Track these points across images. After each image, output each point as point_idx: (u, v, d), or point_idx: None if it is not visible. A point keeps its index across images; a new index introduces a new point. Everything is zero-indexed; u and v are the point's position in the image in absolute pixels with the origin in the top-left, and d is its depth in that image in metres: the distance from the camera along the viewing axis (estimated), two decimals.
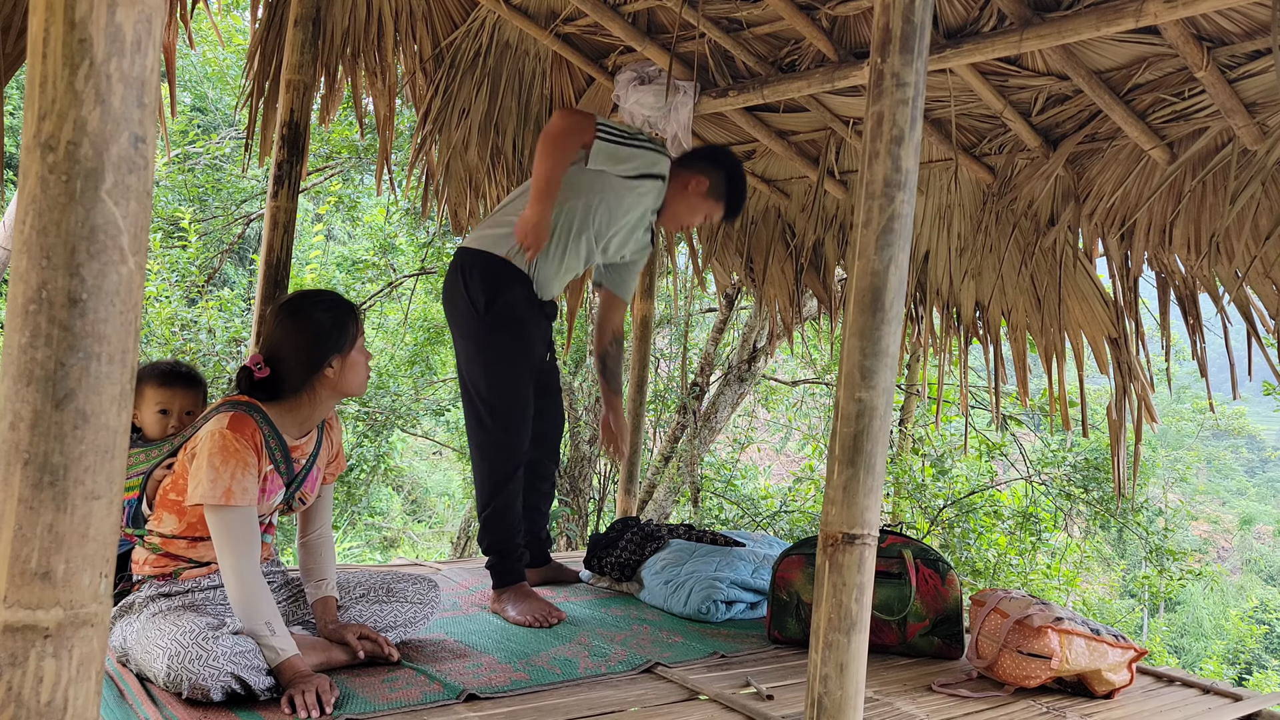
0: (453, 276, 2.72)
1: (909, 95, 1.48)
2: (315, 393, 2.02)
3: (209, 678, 1.71)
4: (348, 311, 2.06)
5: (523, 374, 2.69)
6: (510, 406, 2.67)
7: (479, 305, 2.63)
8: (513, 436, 2.68)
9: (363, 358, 2.07)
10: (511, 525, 2.69)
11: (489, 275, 2.64)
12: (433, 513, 14.10)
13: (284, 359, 1.99)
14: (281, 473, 2.01)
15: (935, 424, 6.68)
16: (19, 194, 0.82)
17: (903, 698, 2.13)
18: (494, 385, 2.66)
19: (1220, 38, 2.69)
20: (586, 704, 1.91)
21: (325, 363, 1.99)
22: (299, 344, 1.99)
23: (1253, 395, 7.91)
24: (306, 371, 1.99)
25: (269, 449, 1.97)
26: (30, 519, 0.80)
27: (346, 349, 2.02)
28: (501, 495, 2.67)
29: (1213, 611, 19.07)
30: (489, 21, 3.62)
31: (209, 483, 1.84)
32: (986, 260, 3.78)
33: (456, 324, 2.74)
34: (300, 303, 2.05)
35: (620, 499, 3.94)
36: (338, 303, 2.06)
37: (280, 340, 2.01)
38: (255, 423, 1.94)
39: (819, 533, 1.50)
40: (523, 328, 2.69)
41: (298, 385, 2.00)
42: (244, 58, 5.57)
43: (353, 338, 2.03)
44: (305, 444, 2.08)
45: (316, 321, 2.00)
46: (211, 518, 1.86)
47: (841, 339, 1.58)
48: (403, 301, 8.56)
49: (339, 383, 2.03)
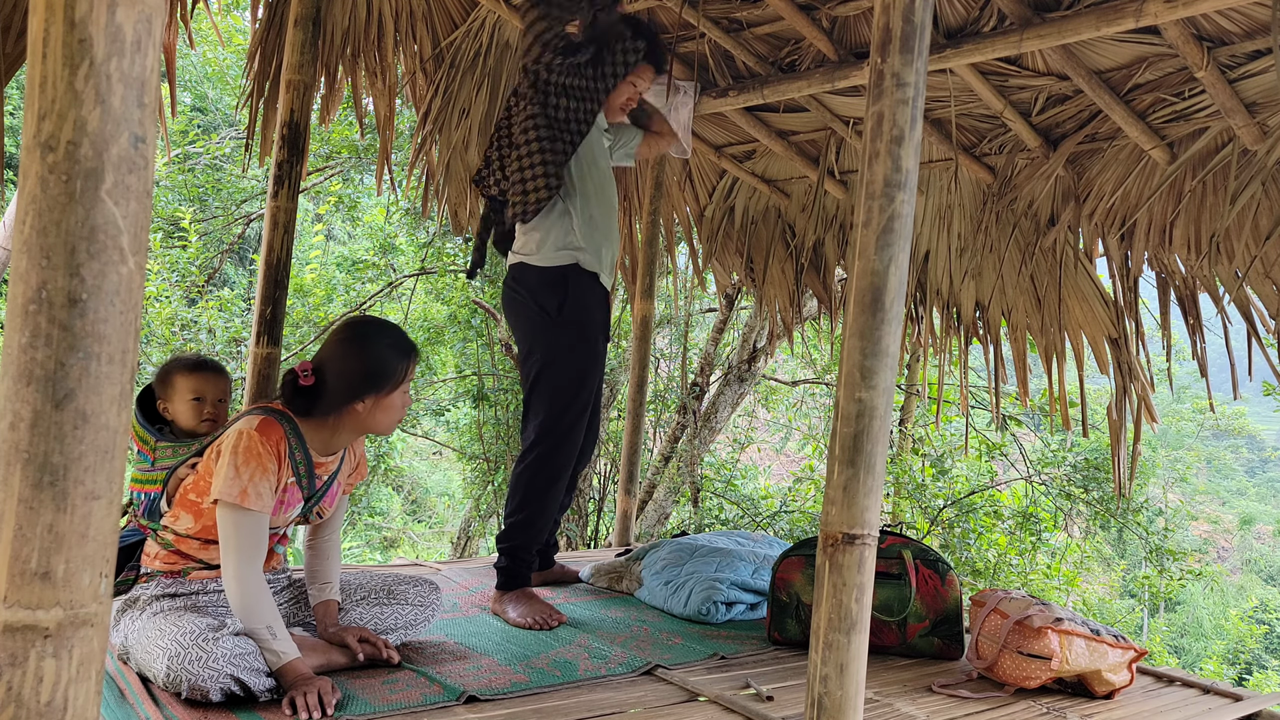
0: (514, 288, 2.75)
1: (909, 95, 1.48)
2: (341, 421, 2.00)
3: (208, 679, 1.71)
4: (403, 352, 2.00)
5: (592, 379, 2.71)
6: (575, 420, 2.68)
7: (550, 309, 2.64)
8: (567, 446, 2.68)
9: (401, 402, 2.02)
10: (538, 535, 2.69)
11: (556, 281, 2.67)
12: (433, 513, 14.10)
13: (328, 377, 1.97)
14: (302, 487, 2.01)
15: (935, 424, 6.68)
16: (19, 194, 0.81)
17: (903, 698, 2.13)
18: (564, 394, 2.66)
19: (1220, 38, 2.69)
20: (587, 706, 1.91)
21: (360, 398, 1.96)
22: (345, 370, 1.96)
23: (1253, 395, 7.91)
24: (342, 398, 1.96)
25: (293, 460, 1.96)
26: (30, 519, 0.80)
27: (387, 391, 1.98)
28: (539, 503, 2.66)
29: (1213, 611, 19.07)
30: (489, 21, 3.62)
31: (227, 479, 1.84)
32: (986, 260, 3.78)
33: (523, 329, 2.74)
34: (364, 329, 2.03)
35: (620, 499, 3.94)
36: (398, 340, 2.01)
37: (331, 357, 1.99)
38: (284, 431, 1.93)
39: (819, 533, 1.50)
40: (594, 329, 2.73)
41: (329, 408, 1.97)
42: (244, 58, 5.57)
43: (397, 382, 1.99)
44: (330, 463, 2.08)
45: (370, 355, 1.97)
46: (222, 515, 1.86)
47: (841, 339, 1.58)
48: (403, 301, 8.56)
49: (366, 420, 1.99)
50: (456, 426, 9.21)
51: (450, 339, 7.97)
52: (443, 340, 8.13)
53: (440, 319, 8.13)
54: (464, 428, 8.61)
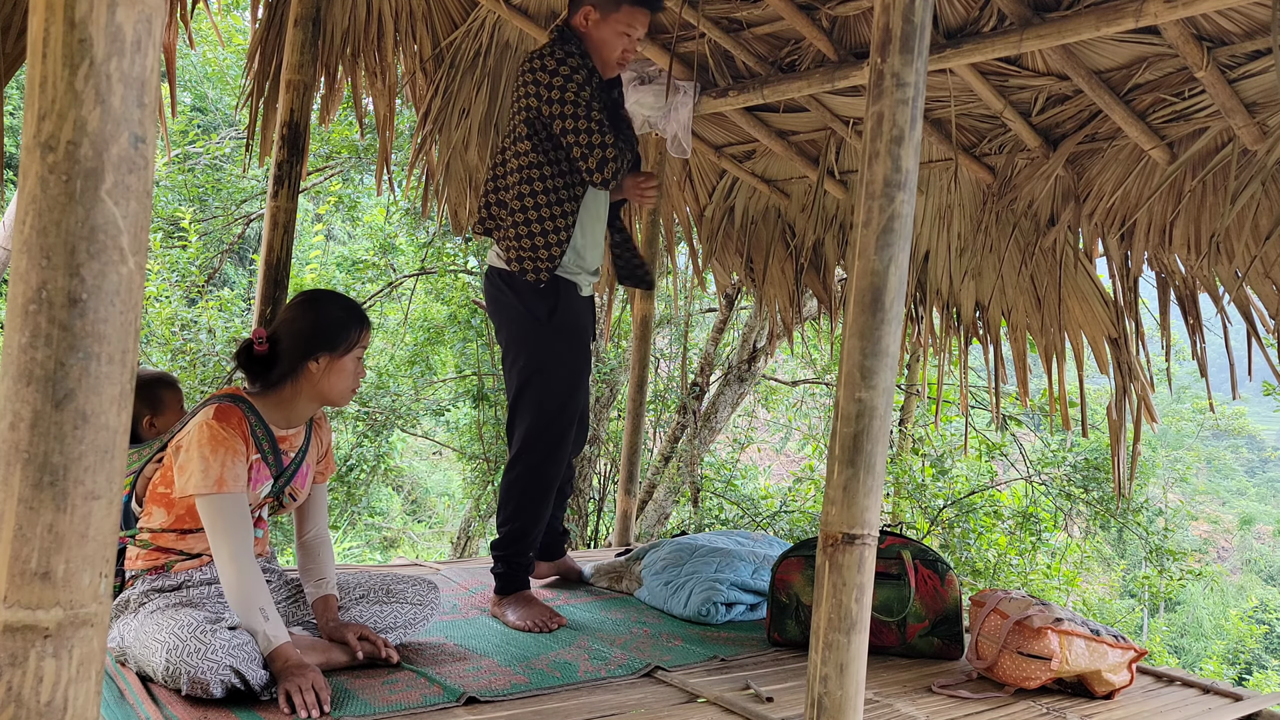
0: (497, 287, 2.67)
1: (909, 95, 1.48)
2: (298, 385, 2.03)
3: (208, 671, 1.72)
4: (357, 318, 2.07)
5: (582, 387, 2.67)
6: (565, 427, 2.63)
7: (540, 314, 2.57)
8: (558, 454, 2.64)
9: (353, 368, 2.06)
10: (534, 541, 2.66)
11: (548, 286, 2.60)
12: (432, 513, 14.10)
13: (281, 340, 2.02)
14: (270, 464, 2.03)
15: (935, 424, 6.68)
16: (19, 194, 0.81)
17: (902, 699, 2.13)
18: (553, 400, 2.61)
19: (1220, 38, 2.69)
20: (586, 708, 1.91)
21: (314, 355, 2.00)
22: (299, 330, 2.02)
23: (1253, 395, 7.92)
24: (297, 357, 2.00)
25: (256, 438, 1.99)
26: (30, 519, 0.80)
27: (340, 351, 2.02)
28: (531, 511, 2.62)
29: (1213, 611, 19.07)
30: (489, 21, 3.62)
31: (200, 473, 1.86)
32: (986, 260, 3.78)
33: (510, 333, 2.67)
34: (315, 295, 2.10)
35: (620, 499, 3.94)
36: (350, 306, 2.08)
37: (284, 322, 2.06)
38: (241, 412, 1.97)
39: (819, 533, 1.50)
40: (583, 336, 2.67)
41: (285, 371, 2.01)
42: (244, 58, 5.57)
43: (350, 344, 2.04)
44: (293, 437, 2.10)
45: (322, 314, 2.03)
46: (204, 506, 1.88)
47: (841, 339, 1.58)
48: (403, 301, 8.56)
49: (320, 382, 2.03)
50: (456, 426, 9.22)
51: (450, 339, 7.97)
52: (443, 340, 8.13)
53: (440, 319, 8.13)
54: (464, 428, 8.61)
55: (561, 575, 3.10)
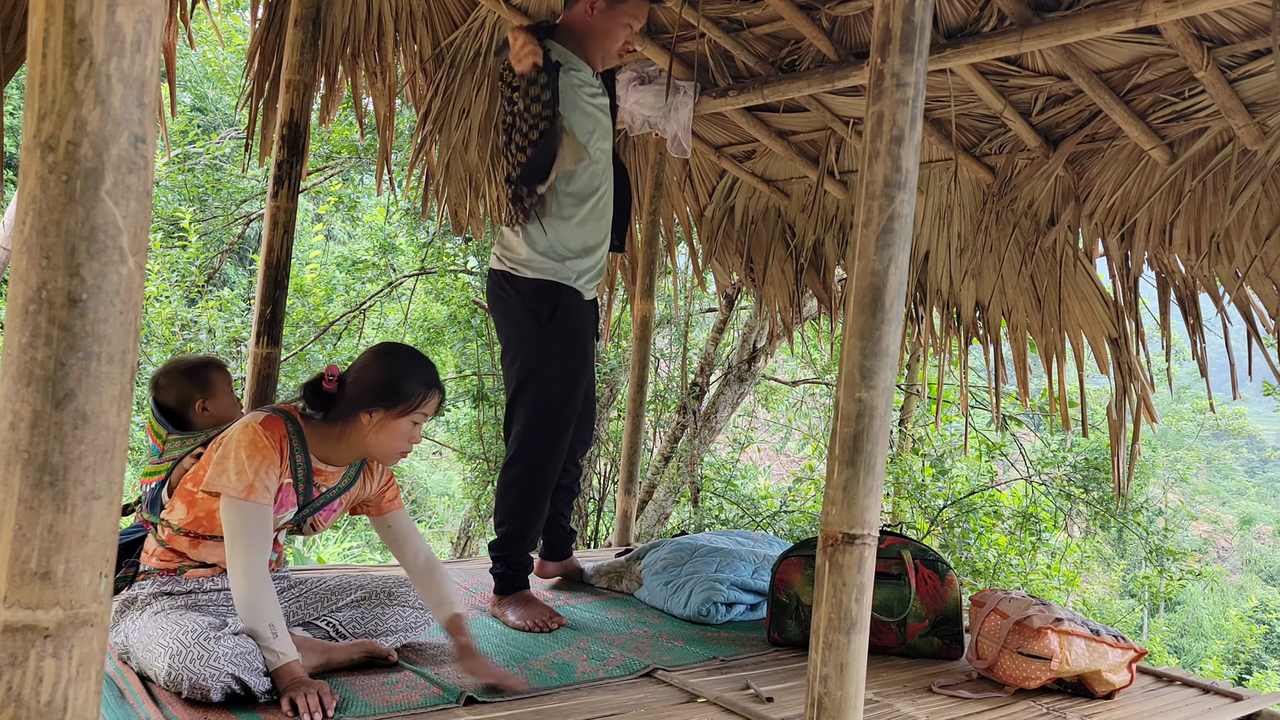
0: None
1: (909, 95, 1.48)
2: (346, 431, 1.98)
3: (209, 677, 1.71)
4: (425, 382, 1.99)
5: (580, 388, 2.66)
6: (562, 428, 2.63)
7: (540, 316, 2.57)
8: (555, 454, 2.63)
9: (407, 431, 1.99)
10: (532, 541, 2.66)
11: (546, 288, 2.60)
12: (433, 513, 14.10)
13: (349, 385, 1.98)
14: (299, 492, 2.00)
15: (935, 424, 6.68)
16: (19, 194, 0.81)
17: (902, 699, 2.13)
18: (550, 401, 2.60)
19: (1220, 38, 2.69)
20: (585, 708, 1.91)
21: (369, 408, 1.95)
22: (365, 378, 1.97)
23: (1253, 395, 7.92)
24: (353, 405, 1.96)
25: (292, 462, 1.96)
26: (30, 519, 0.80)
27: (397, 411, 1.96)
28: (529, 512, 2.62)
29: (1213, 611, 19.08)
30: (489, 21, 3.62)
31: (234, 474, 1.85)
32: (986, 260, 3.78)
33: (509, 332, 2.66)
34: (393, 349, 2.04)
35: (620, 499, 3.94)
36: (423, 368, 2.01)
37: (357, 365, 2.01)
38: (286, 431, 1.95)
39: (819, 533, 1.50)
40: (582, 338, 2.66)
41: (340, 414, 1.98)
42: (244, 58, 5.57)
43: (410, 407, 1.97)
44: (332, 476, 2.07)
45: (393, 371, 1.97)
46: (228, 510, 1.85)
47: (841, 339, 1.58)
48: (403, 301, 8.56)
49: (369, 435, 1.97)
50: (456, 426, 9.22)
51: (450, 339, 7.97)
52: (443, 340, 8.14)
53: (440, 319, 8.14)
54: (464, 428, 8.61)
55: (565, 575, 3.11)
